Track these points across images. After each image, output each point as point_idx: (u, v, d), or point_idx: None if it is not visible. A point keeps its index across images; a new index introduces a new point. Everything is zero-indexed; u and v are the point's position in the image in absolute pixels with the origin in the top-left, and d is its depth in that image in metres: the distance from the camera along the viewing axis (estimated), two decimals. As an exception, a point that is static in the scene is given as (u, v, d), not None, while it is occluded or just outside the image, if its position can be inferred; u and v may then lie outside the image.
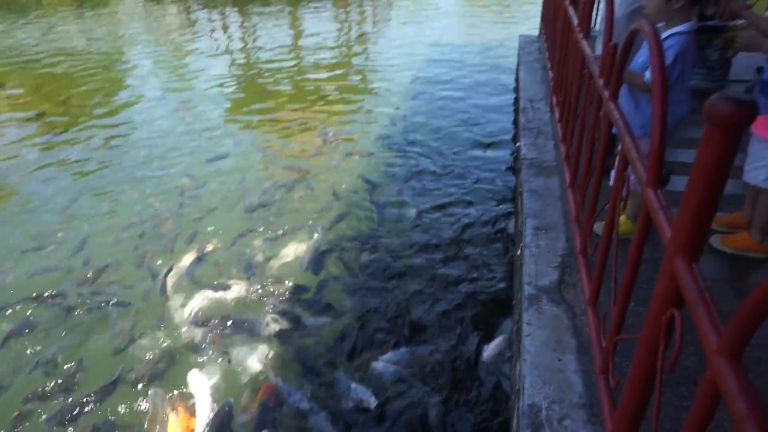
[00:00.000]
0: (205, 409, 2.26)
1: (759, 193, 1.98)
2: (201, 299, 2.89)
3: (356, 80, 6.63)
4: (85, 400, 2.33)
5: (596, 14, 3.75)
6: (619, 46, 1.61)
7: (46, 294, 2.96)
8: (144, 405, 2.30)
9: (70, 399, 2.35)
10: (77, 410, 2.29)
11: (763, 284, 0.64)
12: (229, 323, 2.71)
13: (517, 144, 3.46)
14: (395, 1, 12.48)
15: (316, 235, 3.37)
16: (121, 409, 2.31)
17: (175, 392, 2.36)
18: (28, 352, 2.61)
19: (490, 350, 2.44)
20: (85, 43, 8.80)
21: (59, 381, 2.43)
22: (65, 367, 2.51)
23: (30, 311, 2.86)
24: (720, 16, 1.93)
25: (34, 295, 2.96)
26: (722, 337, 0.74)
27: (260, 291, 2.93)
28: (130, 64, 7.71)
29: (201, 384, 2.38)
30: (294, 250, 3.25)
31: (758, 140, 1.89)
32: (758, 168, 1.91)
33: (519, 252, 2.50)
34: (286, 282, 2.99)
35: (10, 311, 2.86)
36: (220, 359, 2.52)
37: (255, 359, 2.50)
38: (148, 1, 13.19)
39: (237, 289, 2.95)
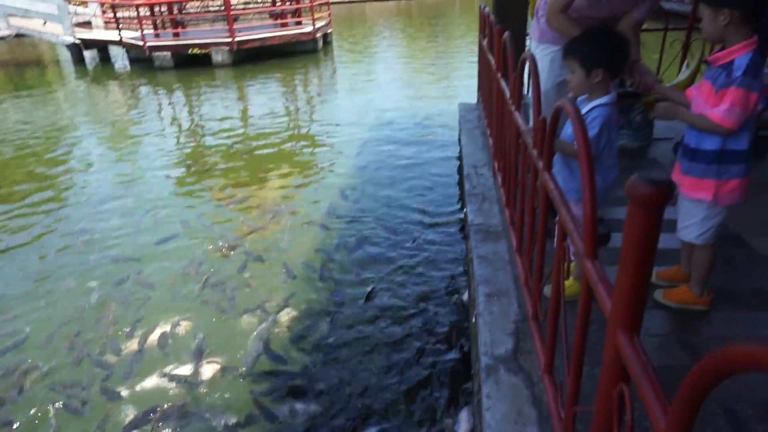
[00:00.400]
0: None
1: (693, 248, 2.08)
2: (147, 392, 2.72)
3: (304, 151, 6.72)
4: None
5: (527, 86, 4.00)
6: (548, 119, 1.70)
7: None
8: None
9: None
10: None
11: (701, 363, 0.65)
12: (178, 418, 2.55)
13: (464, 210, 3.55)
14: (339, 70, 12.96)
15: (269, 315, 3.28)
16: None
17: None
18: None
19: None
20: (22, 126, 8.60)
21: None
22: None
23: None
24: (636, 89, 2.09)
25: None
26: (668, 416, 0.75)
27: (212, 379, 2.79)
28: (71, 146, 7.55)
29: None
30: (247, 331, 3.14)
31: (686, 199, 2.00)
32: (689, 226, 2.01)
33: (474, 320, 2.50)
34: (240, 367, 2.86)
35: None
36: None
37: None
38: (91, 82, 13.16)
39: (187, 379, 2.80)
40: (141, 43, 13.64)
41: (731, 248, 2.56)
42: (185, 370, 2.86)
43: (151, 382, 2.81)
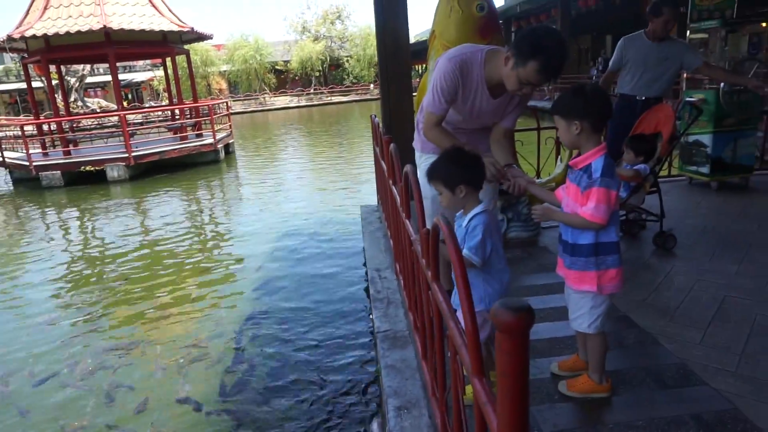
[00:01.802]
0: None
1: (586, 336, 2.17)
2: None
3: (205, 265, 6.47)
4: None
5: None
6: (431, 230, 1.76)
7: None
8: None
9: None
10: None
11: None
12: None
13: (370, 316, 3.51)
14: (243, 179, 12.97)
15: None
16: None
17: None
18: None
19: None
20: None
21: None
22: None
23: None
24: (511, 191, 2.24)
25: None
26: None
27: None
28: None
29: None
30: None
31: (573, 292, 2.11)
32: (580, 316, 2.11)
33: (386, 437, 2.38)
34: None
35: None
36: None
37: None
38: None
39: None
40: (27, 163, 12.95)
41: (622, 330, 2.70)
42: None
43: None
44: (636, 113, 4.08)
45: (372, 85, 45.89)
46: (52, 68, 16.47)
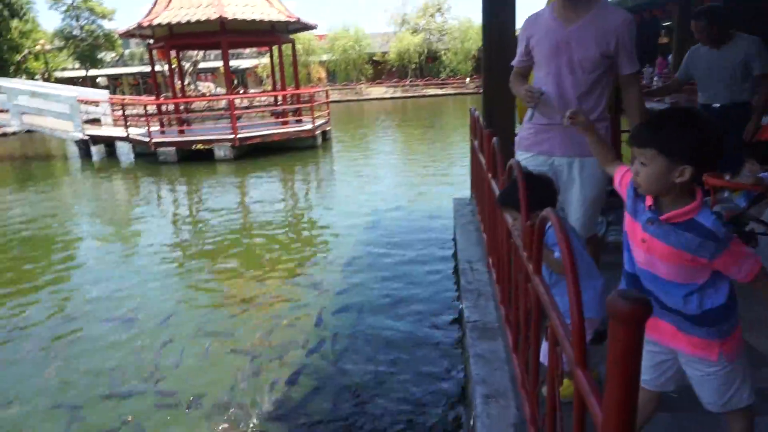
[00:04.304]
0: None
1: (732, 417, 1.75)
2: None
3: (300, 246, 6.80)
4: None
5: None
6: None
7: None
8: None
9: None
10: None
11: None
12: None
13: (460, 306, 3.56)
14: (338, 166, 13.40)
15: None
16: None
17: None
18: None
19: None
20: (27, 219, 8.74)
21: None
22: None
23: None
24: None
25: None
26: None
27: None
28: (75, 239, 7.65)
29: None
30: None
31: (708, 365, 1.65)
32: (737, 391, 1.66)
33: (471, 423, 2.43)
34: None
35: None
36: None
37: None
38: (96, 175, 13.54)
39: None
40: (147, 139, 14.22)
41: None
42: None
43: None
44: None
45: (468, 79, 45.35)
46: (173, 54, 17.87)
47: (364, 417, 3.17)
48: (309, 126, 15.34)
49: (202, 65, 39.97)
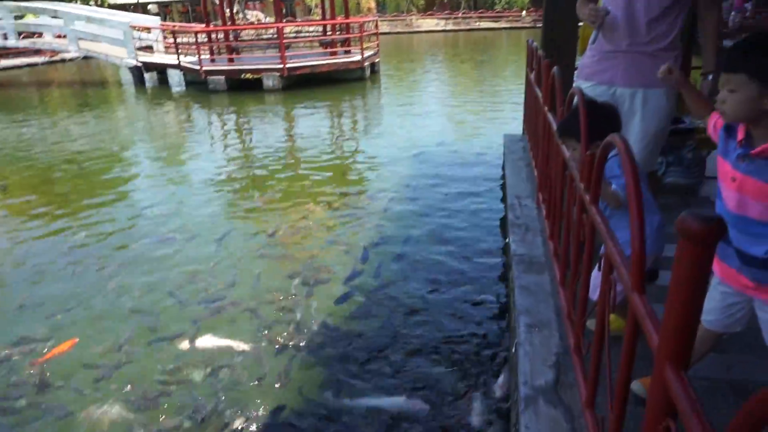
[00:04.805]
0: None
1: None
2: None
3: (346, 178, 6.85)
4: None
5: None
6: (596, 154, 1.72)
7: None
8: None
9: None
10: None
11: (751, 402, 0.66)
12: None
13: (507, 240, 3.55)
14: (385, 99, 13.20)
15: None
16: None
17: None
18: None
19: None
20: (86, 143, 9.12)
21: None
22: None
23: None
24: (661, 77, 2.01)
25: None
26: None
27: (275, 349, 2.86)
28: (131, 162, 7.97)
29: None
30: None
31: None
32: None
33: (513, 350, 2.48)
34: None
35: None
36: None
37: None
38: (150, 101, 13.86)
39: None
40: (198, 67, 14.32)
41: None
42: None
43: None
44: None
45: (524, 12, 42.91)
46: (222, -20, 17.58)
47: (409, 337, 3.30)
48: (357, 57, 15.05)
49: (250, -7, 39.32)
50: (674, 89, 2.39)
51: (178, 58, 15.44)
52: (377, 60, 16.63)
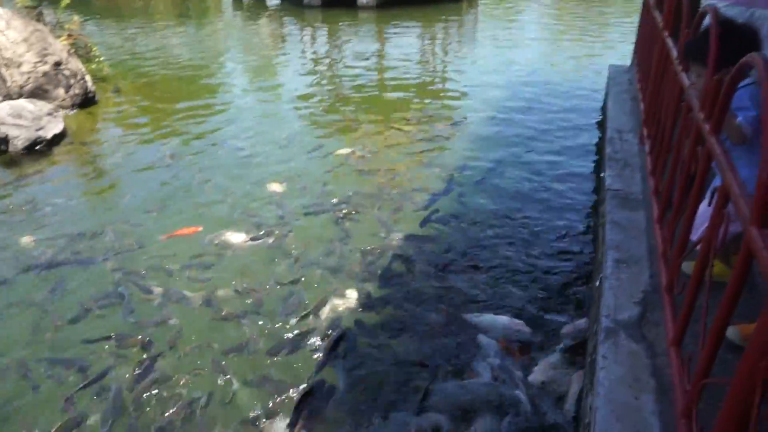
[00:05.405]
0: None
1: None
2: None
3: (436, 102, 6.68)
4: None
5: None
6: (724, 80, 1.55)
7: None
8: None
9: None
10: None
11: None
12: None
13: (602, 174, 3.37)
14: (481, 23, 12.52)
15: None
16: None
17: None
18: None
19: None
20: (185, 51, 9.47)
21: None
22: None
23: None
24: None
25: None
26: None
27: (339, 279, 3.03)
28: (226, 72, 8.22)
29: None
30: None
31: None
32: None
33: (597, 284, 2.43)
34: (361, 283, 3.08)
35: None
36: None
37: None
38: (245, 14, 13.99)
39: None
40: (293, -20, 14.12)
41: None
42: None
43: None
44: None
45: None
46: None
47: (488, 252, 3.38)
48: (455, -24, 14.19)
49: None
50: None
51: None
52: (476, -20, 15.62)
